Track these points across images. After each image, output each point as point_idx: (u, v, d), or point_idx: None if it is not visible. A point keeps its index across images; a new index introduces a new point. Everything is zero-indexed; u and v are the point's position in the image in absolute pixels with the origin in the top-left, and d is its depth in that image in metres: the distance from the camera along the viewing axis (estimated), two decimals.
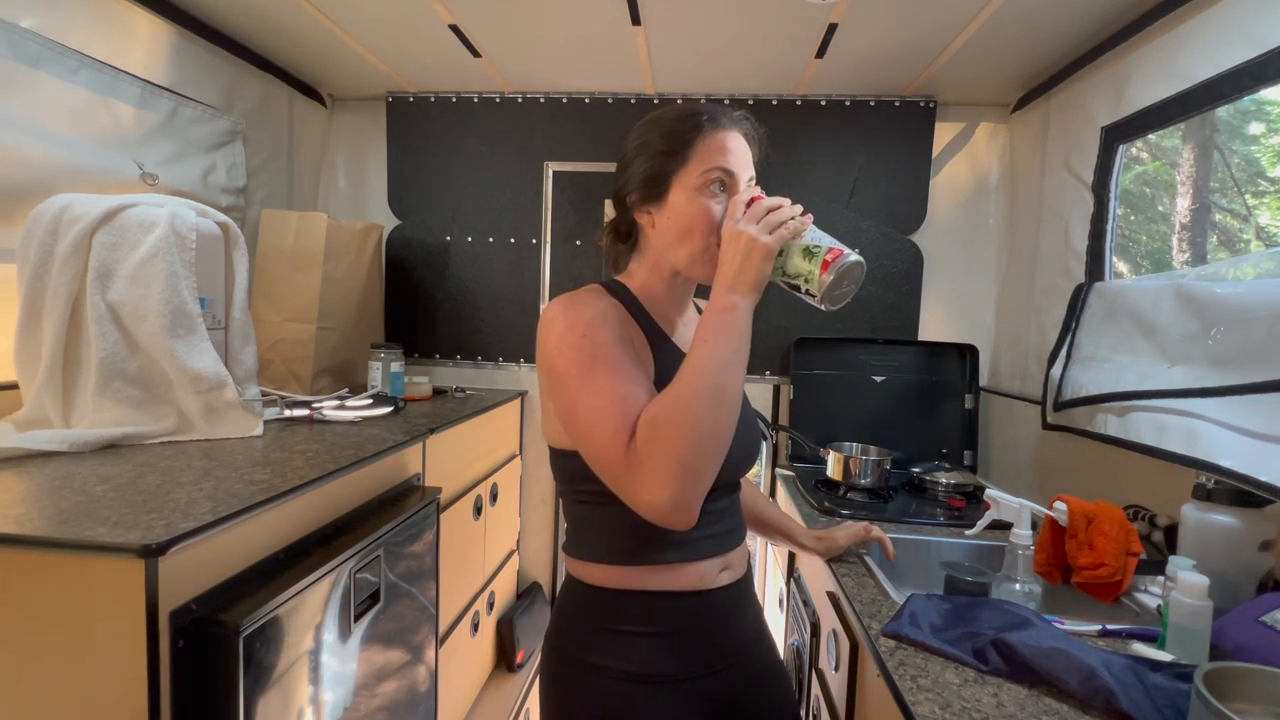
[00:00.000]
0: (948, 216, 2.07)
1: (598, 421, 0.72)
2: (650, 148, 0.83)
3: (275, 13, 1.62)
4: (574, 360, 0.75)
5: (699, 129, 0.81)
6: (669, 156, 0.81)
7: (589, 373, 0.74)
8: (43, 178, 1.25)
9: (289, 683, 0.90)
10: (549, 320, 0.79)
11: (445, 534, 1.53)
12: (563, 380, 0.76)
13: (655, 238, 0.86)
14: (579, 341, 0.76)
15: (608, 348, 0.76)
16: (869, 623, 0.91)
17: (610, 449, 0.71)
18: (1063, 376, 1.50)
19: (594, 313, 0.79)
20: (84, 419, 1.16)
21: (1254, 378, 1.00)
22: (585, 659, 0.83)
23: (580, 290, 0.85)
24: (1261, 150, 1.51)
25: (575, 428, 0.75)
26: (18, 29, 1.22)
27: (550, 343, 0.78)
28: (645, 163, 0.83)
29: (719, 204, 0.81)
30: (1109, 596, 0.99)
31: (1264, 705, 0.63)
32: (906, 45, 1.67)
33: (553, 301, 0.81)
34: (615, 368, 0.75)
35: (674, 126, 0.82)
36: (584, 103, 2.12)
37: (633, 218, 0.88)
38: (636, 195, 0.85)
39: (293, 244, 1.74)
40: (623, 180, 0.88)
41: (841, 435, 1.91)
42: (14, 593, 0.74)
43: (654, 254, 0.88)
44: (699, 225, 0.81)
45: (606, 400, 0.73)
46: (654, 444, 0.69)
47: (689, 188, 0.81)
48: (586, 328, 0.77)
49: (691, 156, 0.81)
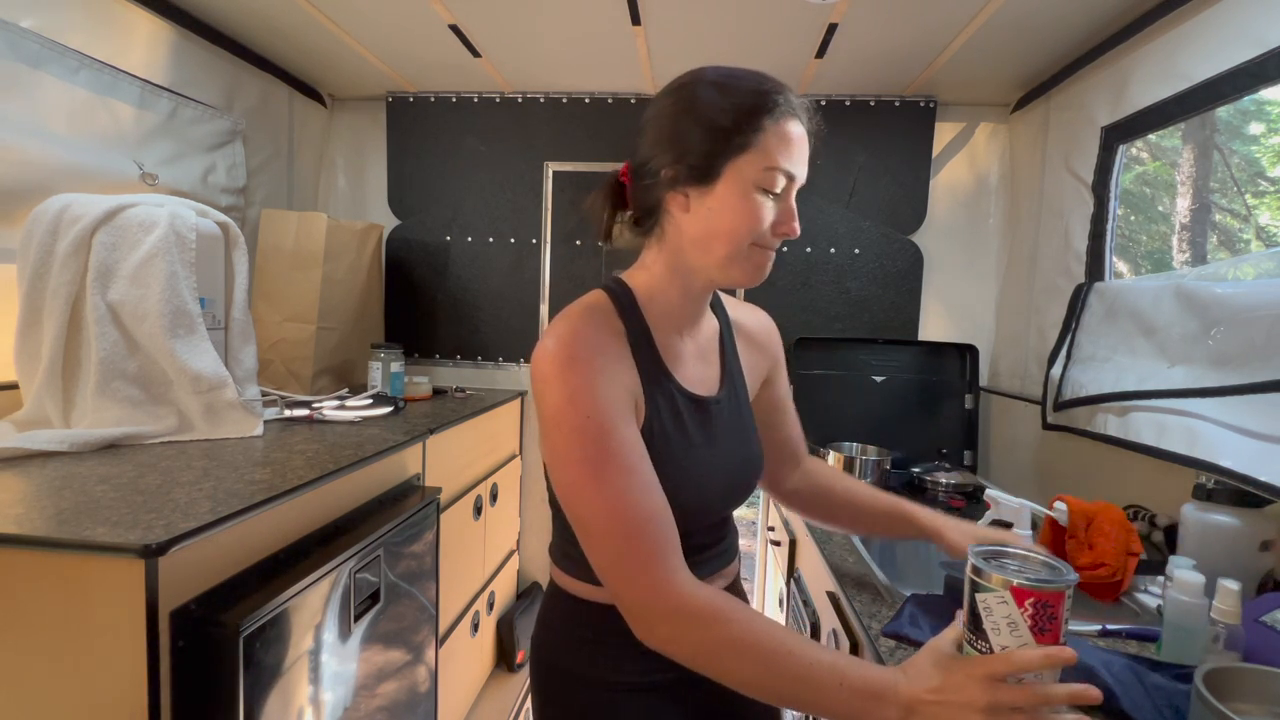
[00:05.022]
0: (948, 216, 2.07)
1: (611, 533, 0.65)
2: (708, 118, 0.69)
3: (275, 13, 1.62)
4: (579, 449, 0.66)
5: (771, 110, 0.68)
6: (729, 134, 0.68)
7: (600, 473, 0.66)
8: (43, 178, 1.25)
9: (289, 683, 0.90)
10: (544, 374, 0.68)
11: (445, 534, 1.53)
12: (564, 463, 0.67)
13: (687, 225, 0.73)
14: (583, 424, 0.66)
15: (617, 437, 0.67)
16: (869, 623, 0.91)
17: (622, 563, 0.65)
18: (1063, 376, 1.50)
19: (594, 377, 0.68)
20: (84, 419, 1.16)
21: (1254, 378, 1.00)
22: (571, 669, 0.81)
23: (578, 316, 0.73)
24: (1261, 150, 1.52)
25: (580, 523, 0.68)
26: (18, 29, 1.22)
27: (549, 406, 0.68)
28: (700, 134, 0.69)
29: (770, 207, 0.71)
30: (1109, 596, 0.99)
31: (1264, 705, 0.63)
32: (906, 45, 1.67)
33: (547, 338, 0.70)
34: (628, 468, 0.67)
35: (743, 101, 0.68)
36: (584, 103, 2.12)
37: (659, 195, 0.74)
38: (676, 171, 0.71)
39: (293, 244, 1.74)
40: (656, 146, 0.72)
41: (841, 435, 1.91)
42: (14, 593, 0.74)
43: (676, 246, 0.75)
44: (744, 227, 0.70)
45: (620, 507, 0.65)
46: (695, 644, 0.63)
47: (745, 179, 0.69)
48: (590, 407, 0.66)
49: (755, 143, 0.68)
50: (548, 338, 0.70)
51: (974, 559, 0.64)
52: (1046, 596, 0.59)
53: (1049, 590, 0.59)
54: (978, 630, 0.62)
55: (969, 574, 0.64)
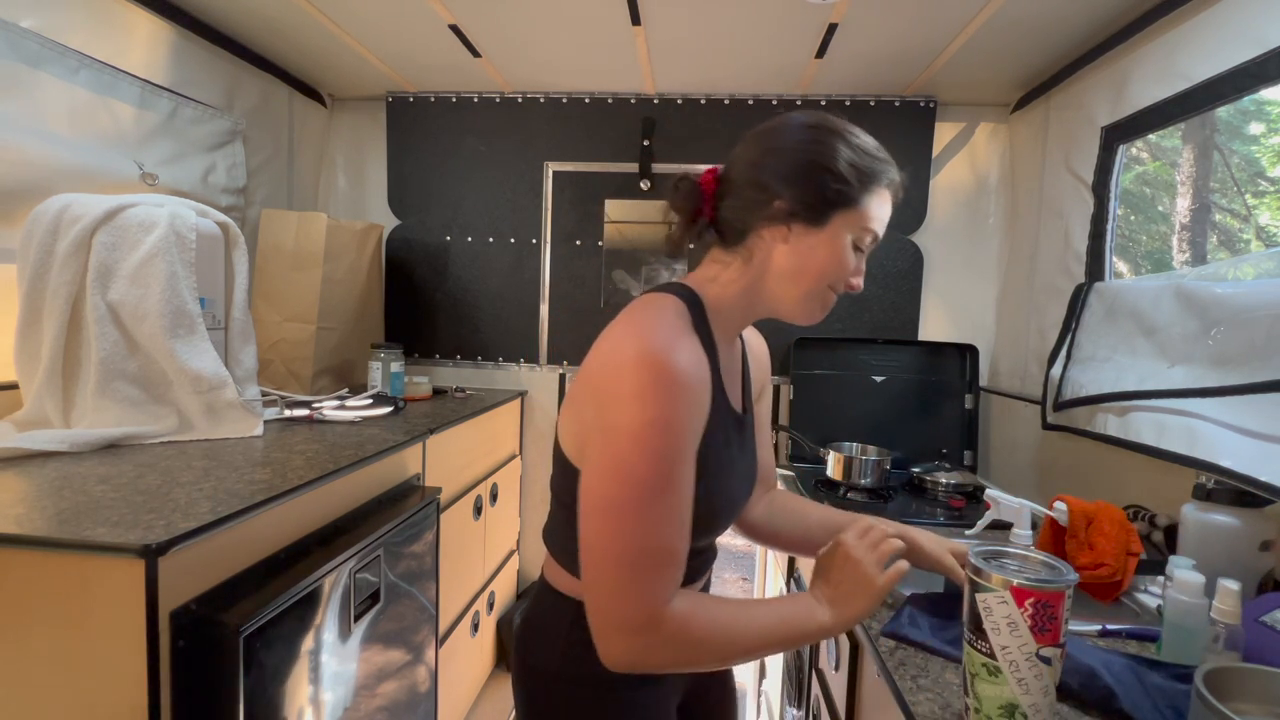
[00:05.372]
0: (948, 216, 2.07)
1: (631, 560, 0.65)
2: (838, 171, 0.73)
3: (275, 13, 1.62)
4: (641, 472, 0.64)
5: (883, 178, 0.75)
6: (848, 187, 0.73)
7: (651, 501, 0.65)
8: (43, 178, 1.25)
9: (289, 683, 0.90)
10: (631, 385, 0.65)
11: (445, 534, 1.53)
12: (616, 478, 0.65)
13: (780, 256, 0.75)
14: (658, 451, 0.64)
15: (679, 472, 0.66)
16: (869, 622, 0.91)
17: (629, 587, 0.65)
18: (1063, 376, 1.50)
19: (682, 408, 0.66)
20: (84, 419, 1.16)
21: (1254, 378, 1.00)
22: (560, 670, 0.81)
23: (670, 326, 0.70)
24: (1261, 150, 1.52)
25: (602, 534, 0.66)
26: (18, 29, 1.22)
27: (624, 416, 0.65)
28: (821, 177, 0.73)
29: (853, 259, 0.76)
30: (1109, 596, 0.99)
31: (1264, 705, 0.63)
32: (906, 45, 1.67)
33: (639, 341, 0.67)
34: (675, 505, 0.67)
35: (867, 161, 0.74)
36: (584, 103, 2.12)
37: (759, 220, 0.76)
38: (792, 206, 0.73)
39: (293, 244, 1.74)
40: (776, 176, 0.74)
41: (841, 435, 1.91)
42: (14, 593, 0.74)
43: (762, 271, 0.77)
44: (832, 270, 0.75)
45: (654, 536, 0.65)
46: (673, 650, 0.67)
47: (846, 229, 0.74)
48: (670, 439, 0.65)
49: (864, 201, 0.74)
50: (640, 341, 0.67)
51: (974, 559, 0.64)
52: (1046, 596, 0.59)
53: (1049, 590, 0.59)
54: (978, 630, 0.62)
55: (969, 574, 0.64)
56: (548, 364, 2.21)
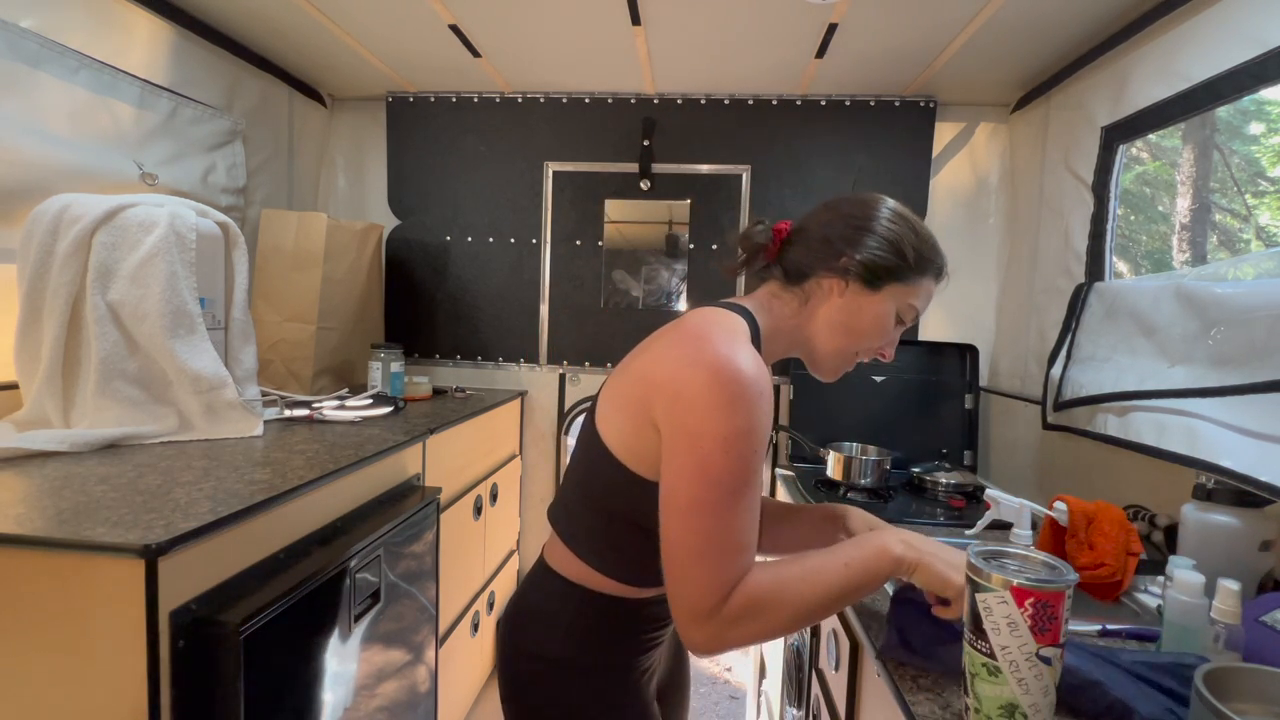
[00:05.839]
0: (948, 216, 2.07)
1: (723, 548, 0.70)
2: (901, 249, 0.83)
3: (275, 13, 1.62)
4: (730, 475, 0.70)
5: (931, 269, 0.86)
6: (905, 268, 0.83)
7: (738, 497, 0.70)
8: (43, 178, 1.25)
9: (289, 683, 0.90)
10: (726, 395, 0.70)
11: (445, 534, 1.53)
12: (706, 480, 0.70)
13: (832, 307, 0.85)
14: (747, 455, 0.70)
15: (760, 471, 0.73)
16: (869, 622, 0.91)
17: (718, 575, 0.69)
18: (1063, 376, 1.50)
19: (763, 417, 0.72)
20: (84, 419, 1.16)
21: (1254, 378, 1.00)
22: (560, 656, 0.84)
23: (743, 341, 0.76)
24: (1261, 150, 1.51)
25: (693, 533, 0.70)
26: (18, 29, 1.22)
27: (718, 425, 0.70)
28: (887, 251, 0.83)
29: (893, 332, 0.87)
30: (1109, 596, 0.99)
31: (1264, 705, 0.63)
32: (906, 45, 1.67)
33: (728, 353, 0.72)
34: (756, 500, 0.73)
35: (926, 251, 0.85)
36: (584, 103, 2.12)
37: (822, 268, 0.85)
38: (854, 265, 0.83)
39: (293, 244, 1.74)
40: (847, 236, 0.84)
41: (841, 435, 1.91)
42: (14, 593, 0.74)
43: (811, 315, 0.86)
44: (872, 333, 0.85)
45: (737, 527, 0.71)
46: (746, 624, 0.69)
47: (893, 300, 0.84)
48: (757, 444, 0.71)
49: (915, 282, 0.85)
50: (723, 354, 0.72)
51: (974, 559, 0.63)
52: (1046, 596, 0.59)
53: (1049, 590, 0.59)
54: (978, 630, 0.62)
55: (969, 574, 0.64)
56: (547, 364, 2.21)
